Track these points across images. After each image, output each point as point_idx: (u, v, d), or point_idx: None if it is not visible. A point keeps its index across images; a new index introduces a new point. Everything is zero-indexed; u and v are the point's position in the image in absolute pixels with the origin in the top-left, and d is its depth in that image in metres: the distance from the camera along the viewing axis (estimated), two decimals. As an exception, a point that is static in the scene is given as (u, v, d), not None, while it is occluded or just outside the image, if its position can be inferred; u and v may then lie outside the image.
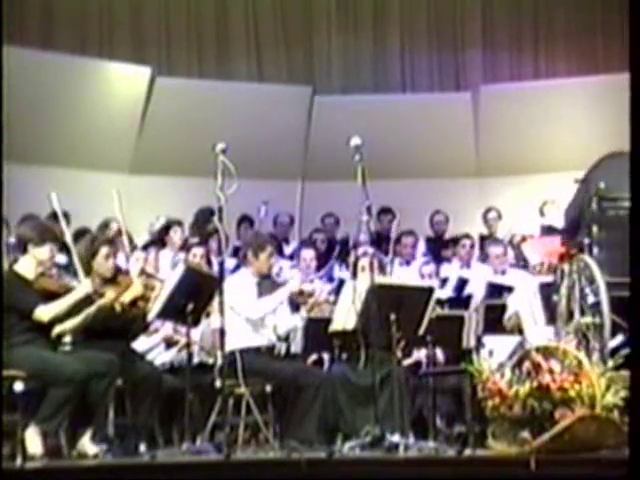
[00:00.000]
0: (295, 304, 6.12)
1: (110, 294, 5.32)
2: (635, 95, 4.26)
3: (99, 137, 9.60)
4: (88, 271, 5.40)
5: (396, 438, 4.86)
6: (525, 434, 4.12)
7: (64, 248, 5.84)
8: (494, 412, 4.24)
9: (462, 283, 7.39)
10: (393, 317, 5.20)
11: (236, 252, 6.75)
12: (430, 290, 5.52)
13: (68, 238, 5.44)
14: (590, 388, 4.10)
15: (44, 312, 5.10)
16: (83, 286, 5.24)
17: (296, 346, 6.32)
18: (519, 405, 4.13)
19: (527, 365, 4.22)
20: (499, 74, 10.49)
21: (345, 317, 5.52)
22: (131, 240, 6.72)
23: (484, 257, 8.11)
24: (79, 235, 7.40)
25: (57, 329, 5.23)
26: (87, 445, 5.02)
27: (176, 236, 8.10)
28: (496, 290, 6.90)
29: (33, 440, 4.88)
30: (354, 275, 6.04)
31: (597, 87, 9.62)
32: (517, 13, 10.55)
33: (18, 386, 4.88)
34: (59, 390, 4.92)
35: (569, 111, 9.76)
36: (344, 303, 5.65)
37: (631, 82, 4.32)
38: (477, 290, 7.11)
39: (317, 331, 6.02)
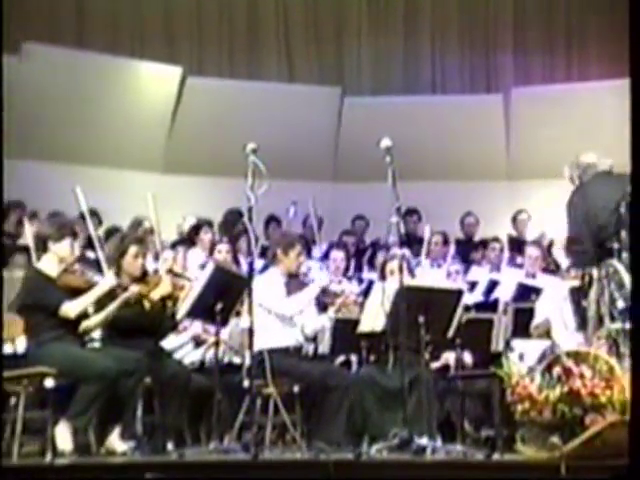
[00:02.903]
0: (323, 304, 6.09)
1: (134, 288, 5.34)
2: (636, 99, 4.22)
3: (130, 136, 9.66)
4: (117, 270, 5.43)
5: (424, 441, 4.84)
6: (555, 439, 4.08)
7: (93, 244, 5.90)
8: (524, 416, 4.20)
9: (492, 286, 7.34)
10: (422, 319, 5.18)
11: (264, 252, 6.75)
12: (459, 292, 5.49)
13: (93, 233, 5.46)
14: (621, 394, 4.05)
15: (70, 308, 5.13)
16: (106, 280, 5.27)
17: (324, 347, 6.29)
18: (549, 410, 4.09)
19: (557, 370, 4.18)
20: (531, 76, 10.43)
21: (373, 318, 5.50)
22: (161, 239, 6.74)
23: (514, 260, 8.06)
24: (110, 234, 7.48)
25: (83, 325, 5.25)
26: (116, 442, 5.05)
27: (206, 236, 8.11)
28: (526, 293, 6.84)
29: (63, 436, 4.90)
30: (383, 277, 6.03)
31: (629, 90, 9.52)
32: (549, 15, 10.49)
33: (49, 383, 4.91)
34: (90, 387, 4.95)
35: (600, 114, 9.68)
36: (372, 305, 5.63)
37: (632, 86, 4.27)
38: (506, 294, 7.07)
39: (345, 332, 6.00)
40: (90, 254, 6.79)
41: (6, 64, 8.88)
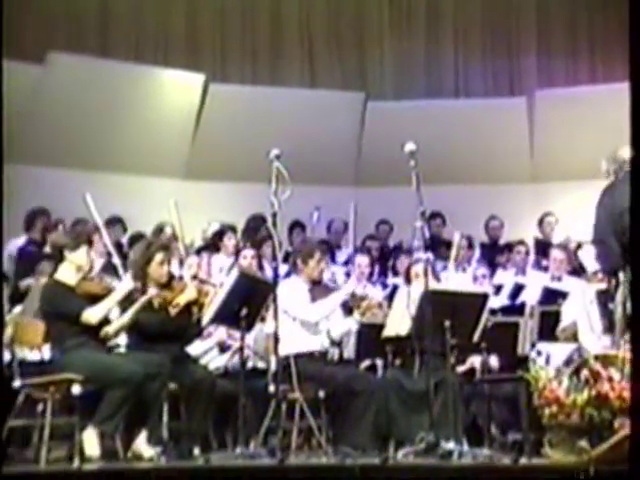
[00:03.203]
0: (348, 308, 6.09)
1: (152, 290, 5.35)
2: (636, 100, 4.19)
3: (154, 143, 9.70)
4: (143, 276, 5.44)
5: (450, 445, 4.82)
6: (583, 443, 4.05)
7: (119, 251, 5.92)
8: (551, 420, 4.17)
9: (518, 289, 7.31)
10: (447, 323, 5.16)
11: (288, 258, 6.76)
12: (485, 296, 5.46)
13: (107, 240, 5.48)
14: (650, 397, 4.01)
15: (91, 314, 5.15)
16: (124, 284, 5.30)
17: (349, 352, 6.29)
18: (577, 413, 4.06)
19: (585, 373, 4.15)
20: (554, 79, 10.37)
21: (399, 323, 5.50)
22: (185, 246, 6.77)
23: (539, 263, 8.01)
24: (134, 240, 7.51)
25: (104, 330, 5.27)
26: (143, 447, 5.06)
27: (230, 242, 8.13)
28: (551, 296, 6.80)
29: (90, 442, 4.93)
30: (408, 281, 6.02)
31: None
32: (572, 17, 10.43)
33: (75, 389, 4.93)
34: (116, 391, 4.97)
35: (625, 116, 9.59)
36: (398, 309, 5.63)
37: (631, 87, 4.24)
38: (532, 297, 7.03)
39: (370, 337, 5.99)
40: (114, 260, 6.83)
41: (31, 74, 8.99)
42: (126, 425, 5.05)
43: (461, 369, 5.98)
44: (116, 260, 5.70)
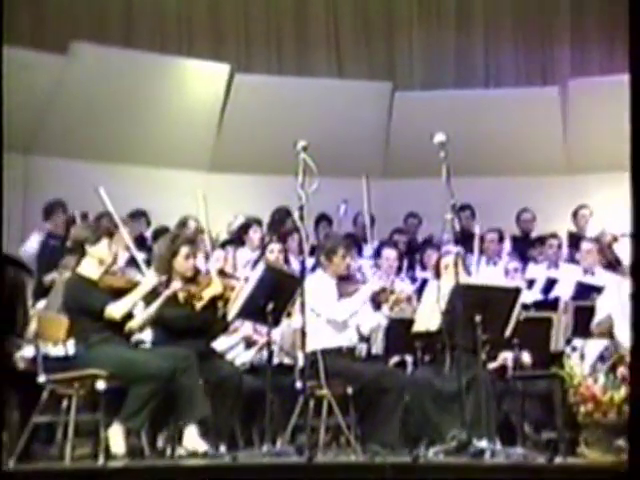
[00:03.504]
0: (377, 303, 6.06)
1: (176, 284, 5.34)
2: (635, 97, 4.14)
3: (178, 135, 9.72)
4: (168, 270, 5.44)
5: (482, 444, 4.79)
6: (621, 442, 4.00)
7: (143, 245, 5.93)
8: (587, 418, 4.13)
9: (550, 284, 7.25)
10: (478, 318, 5.12)
11: (314, 251, 6.75)
12: (517, 290, 5.42)
13: (124, 233, 5.48)
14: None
15: (114, 310, 5.15)
16: (148, 278, 5.29)
17: (377, 348, 6.28)
18: (614, 411, 4.01)
19: (622, 370, 4.10)
20: (588, 67, 10.26)
21: (428, 318, 5.48)
22: (212, 239, 6.77)
23: (573, 257, 7.95)
24: (158, 234, 7.53)
25: (128, 325, 5.27)
26: (196, 441, 5.01)
27: (255, 235, 8.13)
28: (585, 291, 6.74)
29: (116, 439, 4.94)
30: (437, 275, 5.99)
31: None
32: (606, 4, 10.31)
33: (100, 385, 4.94)
34: (142, 387, 4.97)
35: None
36: (427, 303, 5.61)
37: (631, 83, 4.18)
38: (565, 292, 6.97)
39: (399, 332, 5.98)
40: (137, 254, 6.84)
41: (53, 64, 9.03)
42: (151, 422, 5.04)
43: (492, 366, 5.95)
44: (137, 254, 5.69)
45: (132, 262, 6.50)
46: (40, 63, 8.86)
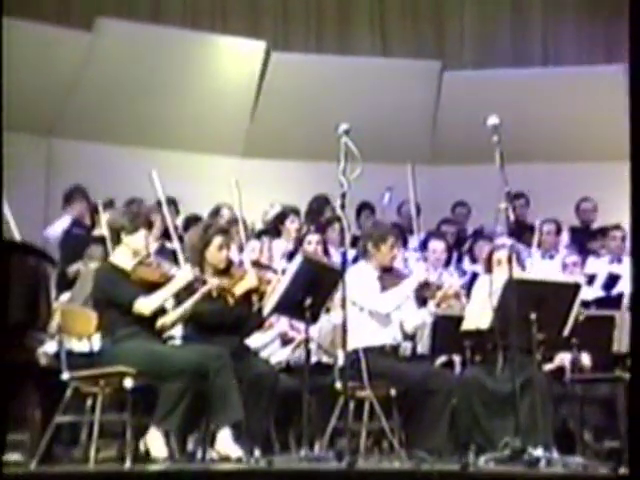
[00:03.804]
0: (422, 298, 6.06)
1: (214, 281, 5.36)
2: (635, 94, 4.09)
3: (210, 117, 9.76)
4: (200, 262, 5.47)
5: (538, 452, 4.76)
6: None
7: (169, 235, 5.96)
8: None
9: (613, 279, 7.19)
10: (534, 316, 5.10)
11: (355, 242, 6.76)
12: (576, 286, 5.38)
13: (170, 223, 5.50)
14: None
15: (144, 305, 5.18)
16: (183, 273, 5.30)
17: (423, 346, 6.29)
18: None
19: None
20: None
21: (479, 315, 5.45)
22: (246, 229, 6.80)
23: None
24: (190, 223, 7.57)
25: (160, 322, 5.30)
26: (229, 447, 5.02)
27: (292, 225, 8.15)
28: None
29: (156, 442, 4.96)
30: (489, 269, 5.96)
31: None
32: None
33: (127, 383, 4.97)
34: (173, 384, 5.00)
35: None
36: (478, 299, 5.59)
37: (630, 79, 4.12)
38: (629, 288, 6.89)
39: (447, 330, 5.97)
40: (168, 244, 6.90)
41: (78, 41, 9.11)
42: (183, 423, 5.07)
43: (549, 367, 5.93)
44: (175, 245, 5.72)
45: (163, 252, 6.54)
46: (64, 40, 8.95)
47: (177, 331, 5.65)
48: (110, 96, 9.29)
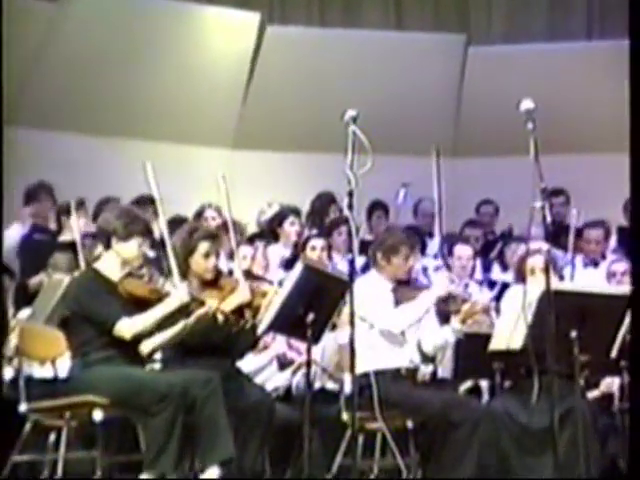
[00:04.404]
0: (444, 313, 6.05)
1: (212, 302, 5.35)
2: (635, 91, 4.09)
3: (196, 101, 9.77)
4: (184, 271, 5.45)
5: (581, 496, 4.78)
6: None
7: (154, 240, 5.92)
8: None
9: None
10: (575, 334, 5.08)
11: (365, 248, 6.77)
12: (626, 299, 5.35)
13: (164, 228, 5.48)
14: None
15: (126, 328, 5.16)
16: (178, 295, 5.27)
17: (444, 370, 6.30)
18: None
19: None
20: None
21: (510, 333, 5.43)
22: (238, 233, 6.79)
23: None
24: (173, 225, 7.52)
25: (145, 346, 5.29)
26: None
27: (292, 228, 8.15)
28: None
29: None
30: (521, 278, 5.94)
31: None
32: None
33: (98, 415, 4.95)
34: (157, 417, 4.97)
35: None
36: (509, 314, 5.56)
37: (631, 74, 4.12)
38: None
39: (473, 351, 5.95)
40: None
41: (40, 12, 9.08)
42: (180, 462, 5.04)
43: (594, 395, 5.92)
44: (172, 259, 5.68)
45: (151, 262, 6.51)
46: (24, 11, 8.93)
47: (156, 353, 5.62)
48: (78, 77, 9.29)
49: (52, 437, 5.20)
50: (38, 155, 9.15)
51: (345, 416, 5.49)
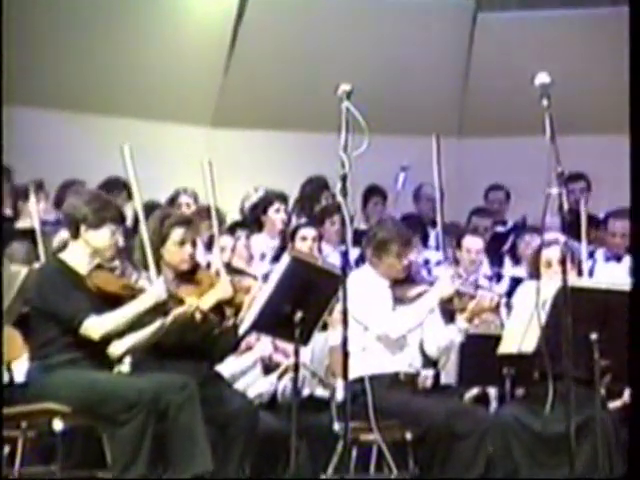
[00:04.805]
0: (449, 312, 6.07)
1: (193, 300, 5.34)
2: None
3: (170, 74, 9.74)
4: (156, 262, 5.43)
5: (600, 515, 4.80)
6: None
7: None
8: None
9: None
10: (595, 337, 5.11)
11: (361, 239, 6.78)
12: (652, 297, 5.38)
13: (141, 216, 5.48)
14: None
15: (95, 327, 5.15)
16: (154, 291, 5.27)
17: (449, 375, 6.31)
18: None
19: None
20: None
21: (522, 334, 5.44)
22: (218, 221, 6.78)
23: None
24: (145, 212, 7.52)
25: (115, 348, 5.28)
26: None
27: (278, 216, 8.15)
28: None
29: None
30: (536, 274, 5.94)
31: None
32: None
33: (58, 424, 4.94)
34: (126, 427, 4.96)
35: None
36: (521, 314, 5.56)
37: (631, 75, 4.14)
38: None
39: (480, 354, 5.97)
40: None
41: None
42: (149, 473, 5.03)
43: (616, 404, 5.90)
44: (148, 248, 5.68)
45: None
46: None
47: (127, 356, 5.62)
48: (37, 44, 9.24)
49: (6, 450, 5.17)
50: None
51: (337, 426, 5.52)
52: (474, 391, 6.39)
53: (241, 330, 5.44)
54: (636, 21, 4.33)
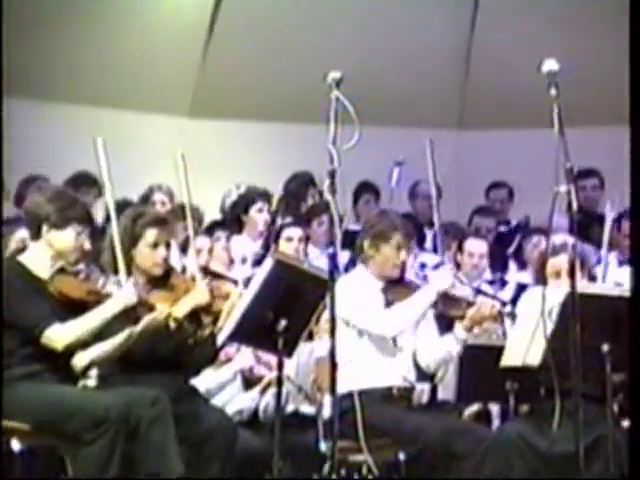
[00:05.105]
0: (447, 318, 6.07)
1: (164, 307, 5.34)
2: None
3: (145, 59, 9.75)
4: (127, 265, 5.44)
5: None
6: None
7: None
8: None
9: None
10: (606, 348, 5.12)
11: (351, 240, 6.78)
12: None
13: (113, 215, 5.47)
14: None
15: (58, 336, 5.15)
16: (122, 296, 5.28)
17: (446, 390, 6.31)
18: None
19: None
20: None
21: (527, 345, 5.42)
22: (194, 220, 6.79)
23: None
24: (116, 211, 7.51)
25: (79, 360, 5.27)
26: None
27: (260, 215, 8.15)
28: None
29: None
30: (541, 279, 5.93)
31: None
32: None
33: (16, 444, 4.96)
34: (91, 446, 4.94)
35: None
36: (525, 323, 5.55)
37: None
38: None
39: (480, 367, 5.98)
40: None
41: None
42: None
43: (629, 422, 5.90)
44: (119, 251, 5.68)
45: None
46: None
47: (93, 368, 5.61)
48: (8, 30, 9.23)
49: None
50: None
51: (323, 446, 5.54)
52: (474, 407, 6.40)
53: (219, 340, 5.45)
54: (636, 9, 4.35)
